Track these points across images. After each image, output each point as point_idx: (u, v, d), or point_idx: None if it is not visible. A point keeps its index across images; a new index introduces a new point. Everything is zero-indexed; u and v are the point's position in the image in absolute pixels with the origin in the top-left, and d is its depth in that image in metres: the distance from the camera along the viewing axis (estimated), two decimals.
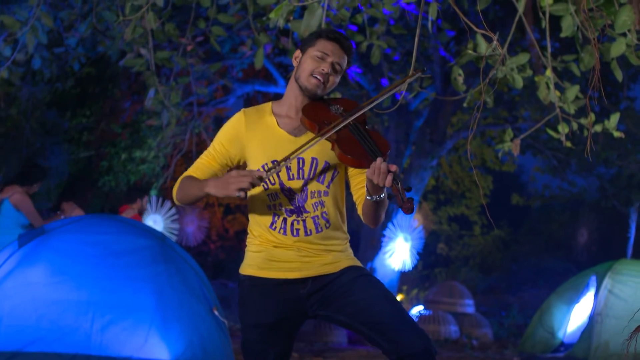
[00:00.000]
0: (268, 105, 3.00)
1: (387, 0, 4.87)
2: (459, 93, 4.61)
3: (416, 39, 3.55)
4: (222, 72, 12.18)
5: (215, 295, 6.67)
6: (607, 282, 8.18)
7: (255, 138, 2.89)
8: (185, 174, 2.94)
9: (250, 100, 14.98)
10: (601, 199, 14.55)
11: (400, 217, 10.92)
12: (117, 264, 5.15)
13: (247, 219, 2.98)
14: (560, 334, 8.77)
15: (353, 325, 2.79)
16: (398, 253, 10.88)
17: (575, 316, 8.84)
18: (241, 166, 2.98)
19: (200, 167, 2.94)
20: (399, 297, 13.55)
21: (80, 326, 4.89)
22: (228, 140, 2.93)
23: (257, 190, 2.89)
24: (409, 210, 2.51)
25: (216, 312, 5.18)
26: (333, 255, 2.90)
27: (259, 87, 12.15)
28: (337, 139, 2.73)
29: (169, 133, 10.15)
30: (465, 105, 4.72)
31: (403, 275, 14.02)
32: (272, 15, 3.80)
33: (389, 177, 2.55)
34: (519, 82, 4.69)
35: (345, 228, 3.00)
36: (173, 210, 9.53)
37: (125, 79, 12.40)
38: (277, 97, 14.19)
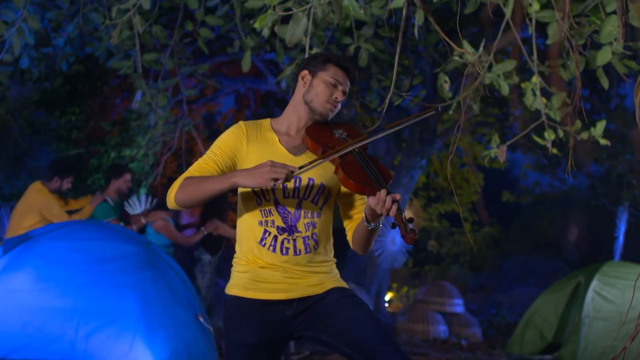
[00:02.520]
0: (267, 122, 3.01)
1: (376, 4, 4.86)
2: None
3: (397, 49, 3.54)
4: (211, 68, 12.13)
5: (208, 294, 6.69)
6: (595, 284, 8.20)
7: (255, 151, 2.89)
8: (185, 175, 2.82)
9: (241, 97, 14.92)
10: (591, 197, 14.57)
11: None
12: (102, 270, 5.12)
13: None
14: (548, 336, 8.79)
15: (336, 346, 2.79)
16: (388, 251, 10.89)
17: (564, 318, 8.87)
18: None
19: (200, 170, 2.84)
20: (388, 295, 13.57)
21: (65, 333, 4.86)
22: (229, 147, 2.90)
23: (251, 205, 2.89)
24: (411, 241, 2.53)
25: (201, 319, 5.17)
26: (318, 277, 2.91)
27: (248, 84, 12.12)
28: (342, 163, 2.75)
29: (158, 131, 10.12)
30: (451, 112, 4.72)
31: (393, 273, 14.05)
32: (256, 25, 3.78)
33: (394, 207, 2.57)
34: (505, 89, 4.70)
35: (332, 252, 3.01)
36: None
37: (115, 77, 12.33)
38: (267, 94, 14.19)
